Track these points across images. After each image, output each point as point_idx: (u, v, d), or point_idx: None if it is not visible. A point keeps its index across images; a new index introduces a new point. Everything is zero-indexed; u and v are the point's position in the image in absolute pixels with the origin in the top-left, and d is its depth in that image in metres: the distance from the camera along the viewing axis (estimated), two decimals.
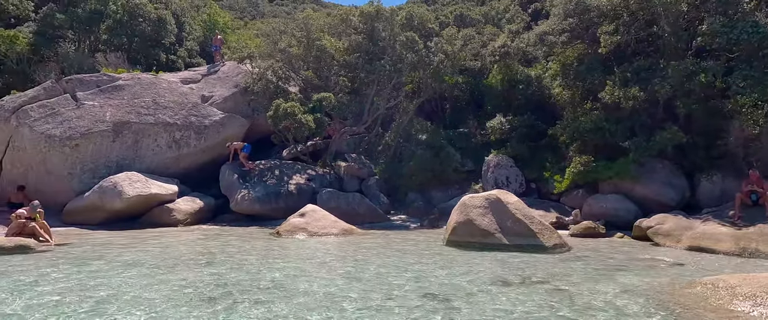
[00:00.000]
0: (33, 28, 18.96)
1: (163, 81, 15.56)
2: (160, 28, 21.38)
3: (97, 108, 13.94)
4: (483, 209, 9.09)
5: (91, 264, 7.17)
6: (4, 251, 7.89)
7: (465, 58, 17.31)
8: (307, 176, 14.74)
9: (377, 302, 5.27)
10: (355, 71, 15.98)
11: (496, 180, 14.18)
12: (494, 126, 15.54)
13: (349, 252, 8.79)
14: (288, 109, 13.97)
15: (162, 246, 9.25)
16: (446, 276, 6.63)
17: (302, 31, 16.65)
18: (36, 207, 9.28)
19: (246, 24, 31.83)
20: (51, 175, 13.21)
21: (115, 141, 13.68)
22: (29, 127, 13.26)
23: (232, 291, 5.63)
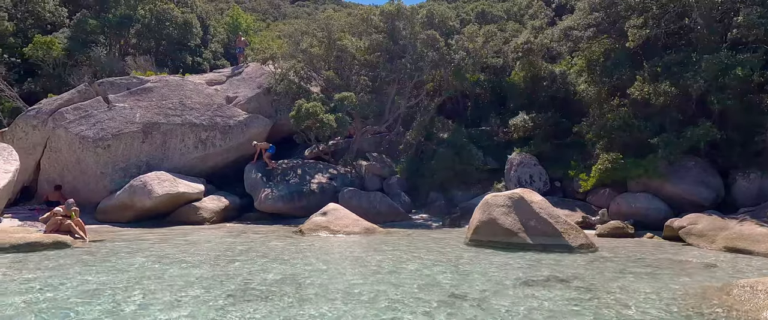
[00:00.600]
0: (67, 34, 19.79)
1: (190, 83, 15.98)
2: (186, 32, 21.97)
3: (127, 110, 14.44)
4: (506, 208, 8.97)
5: (124, 259, 7.44)
6: (43, 246, 8.27)
7: (487, 55, 17.09)
8: (328, 175, 14.87)
9: (399, 300, 5.27)
10: (375, 70, 16.01)
11: (520, 179, 13.96)
12: (517, 124, 15.30)
13: (371, 250, 8.83)
14: (310, 109, 14.12)
15: (190, 243, 9.52)
16: (469, 276, 6.58)
17: (323, 31, 16.79)
18: (71, 206, 9.70)
19: (268, 25, 32.32)
20: (85, 175, 13.77)
21: (145, 141, 14.14)
22: (65, 129, 13.85)
23: (256, 287, 5.74)
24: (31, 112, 14.46)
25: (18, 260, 7.26)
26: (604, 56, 13.49)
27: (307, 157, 16.05)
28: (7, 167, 11.07)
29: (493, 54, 17.60)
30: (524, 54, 16.28)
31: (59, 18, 20.92)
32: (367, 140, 17.03)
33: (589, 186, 12.90)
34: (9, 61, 18.63)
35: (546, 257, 7.99)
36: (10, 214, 11.88)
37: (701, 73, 11.01)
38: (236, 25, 27.27)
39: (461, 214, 13.08)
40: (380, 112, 16.62)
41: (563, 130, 14.79)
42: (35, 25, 20.26)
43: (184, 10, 22.43)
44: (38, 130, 14.09)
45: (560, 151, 14.56)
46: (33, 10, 20.39)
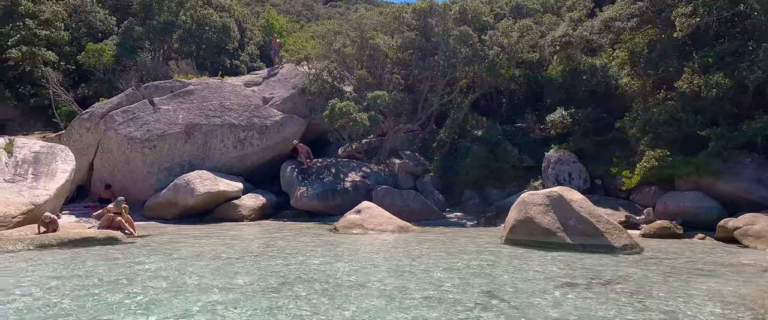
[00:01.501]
0: (116, 41, 20.97)
1: (228, 85, 16.53)
2: (225, 35, 22.74)
3: (171, 111, 15.12)
4: (544, 207, 8.72)
5: (171, 253, 7.81)
6: (97, 242, 8.81)
7: (522, 50, 16.64)
8: (362, 173, 14.98)
9: (434, 298, 5.24)
10: (408, 68, 15.96)
11: (558, 177, 13.54)
12: (555, 120, 14.83)
13: (405, 248, 8.82)
14: (343, 108, 14.27)
15: (231, 238, 9.87)
16: (505, 275, 6.45)
17: (356, 30, 16.91)
18: (121, 203, 10.27)
19: (302, 27, 32.94)
20: (133, 174, 14.55)
21: (187, 142, 14.76)
22: (115, 131, 14.68)
23: (295, 282, 5.86)
24: (85, 115, 15.42)
25: (78, 254, 7.77)
26: (648, 47, 12.83)
27: (341, 156, 16.24)
28: (65, 167, 11.86)
29: (529, 48, 17.12)
30: (562, 47, 15.74)
31: (109, 26, 22.20)
32: (400, 138, 17.01)
33: (633, 184, 12.33)
34: (65, 67, 19.96)
35: (587, 258, 7.71)
36: (68, 211, 12.73)
37: (758, 63, 10.26)
38: (271, 28, 27.95)
39: (496, 213, 12.84)
40: (413, 110, 16.57)
41: (604, 126, 14.20)
42: (87, 33, 21.61)
43: (222, 14, 23.25)
44: (91, 132, 15.00)
45: (601, 148, 13.99)
46: (86, 19, 21.76)
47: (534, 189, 12.64)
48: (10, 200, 10.17)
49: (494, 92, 18.21)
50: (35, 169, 11.29)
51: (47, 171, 11.42)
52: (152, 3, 21.58)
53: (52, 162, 11.71)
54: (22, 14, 18.82)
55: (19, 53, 17.95)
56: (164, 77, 17.75)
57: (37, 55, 18.28)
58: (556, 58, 16.48)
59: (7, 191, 10.41)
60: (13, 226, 9.74)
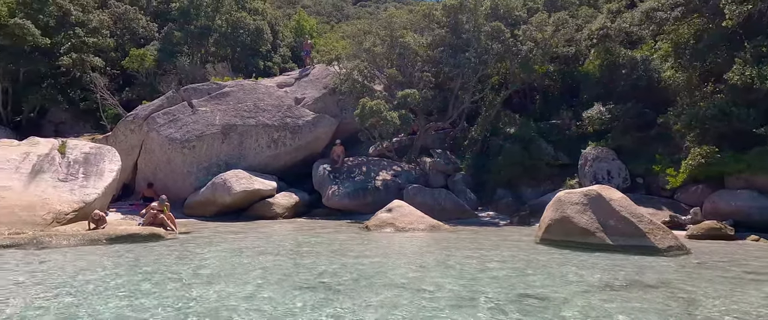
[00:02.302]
0: (157, 46, 21.92)
1: (262, 86, 16.95)
2: (258, 38, 23.32)
3: (208, 113, 15.66)
4: (581, 206, 8.43)
5: (211, 249, 8.10)
6: (141, 238, 9.25)
7: (557, 44, 16.14)
8: (393, 172, 15.00)
9: (468, 298, 5.17)
10: (438, 66, 15.83)
11: (595, 175, 13.06)
12: (592, 116, 14.30)
13: (438, 247, 8.76)
14: (374, 107, 14.32)
15: (266, 235, 10.13)
16: (542, 276, 6.28)
17: (385, 29, 16.92)
18: (163, 201, 10.74)
19: (332, 27, 33.30)
20: (174, 173, 15.17)
21: (224, 142, 15.25)
22: (156, 132, 15.35)
23: (328, 279, 5.94)
24: (129, 117, 16.22)
25: (127, 249, 8.19)
26: (694, 38, 12.14)
27: (372, 155, 16.31)
28: (112, 167, 12.52)
29: (564, 43, 16.59)
30: (599, 40, 15.16)
31: (150, 32, 23.24)
32: (431, 137, 16.91)
33: (678, 182, 11.72)
34: (111, 72, 21.07)
35: (628, 259, 7.39)
36: (114, 208, 13.43)
37: None
38: (302, 29, 28.42)
39: (530, 212, 12.55)
40: (444, 108, 16.42)
41: (646, 122, 13.57)
42: (131, 39, 22.72)
43: (255, 17, 23.84)
44: (135, 133, 15.76)
45: (643, 145, 13.39)
46: (129, 26, 22.87)
47: (570, 187, 12.26)
48: (64, 198, 10.84)
49: (527, 88, 17.77)
50: (85, 169, 11.97)
51: (96, 171, 12.08)
52: (190, 9, 22.43)
53: (100, 163, 12.38)
54: (73, 23, 20.01)
55: (70, 60, 19.10)
56: (202, 80, 18.38)
57: (86, 62, 19.38)
58: (593, 52, 15.88)
59: (60, 190, 11.10)
60: (66, 223, 10.38)
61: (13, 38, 17.84)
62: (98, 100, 18.45)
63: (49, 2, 19.44)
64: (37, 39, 18.18)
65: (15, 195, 10.35)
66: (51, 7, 19.49)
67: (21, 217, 9.96)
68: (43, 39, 18.43)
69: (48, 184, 11.09)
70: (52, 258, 7.24)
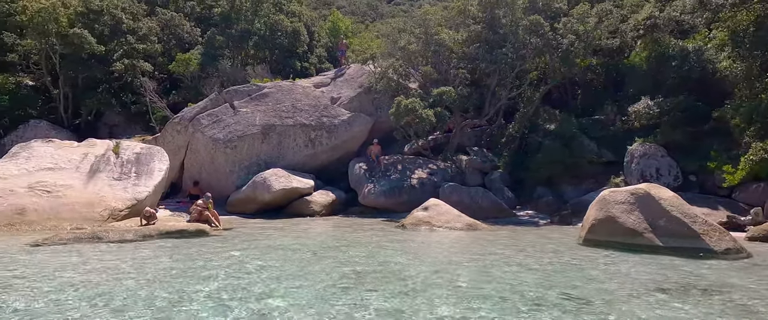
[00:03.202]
0: (200, 50, 22.88)
1: (299, 86, 17.32)
2: (295, 40, 23.85)
3: (249, 114, 16.19)
4: (628, 205, 8.05)
5: (253, 244, 8.39)
6: (188, 234, 9.69)
7: (600, 36, 15.45)
8: (428, 170, 14.92)
9: (509, 299, 5.07)
10: (474, 62, 15.57)
11: (643, 173, 12.43)
12: (639, 110, 13.60)
13: (475, 246, 8.64)
14: (409, 105, 14.29)
15: (305, 232, 10.37)
16: (586, 278, 6.05)
17: (420, 27, 16.83)
18: (208, 199, 11.22)
19: (366, 27, 33.50)
20: (217, 172, 15.80)
21: (263, 141, 15.72)
22: (201, 133, 16.04)
23: (365, 276, 6.00)
24: (176, 119, 17.03)
25: (177, 244, 8.62)
26: (754, 25, 11.26)
27: (407, 153, 16.29)
28: (161, 166, 13.23)
29: (608, 34, 15.85)
30: (647, 31, 14.39)
31: (194, 37, 24.31)
32: (467, 134, 16.68)
33: (737, 180, 10.94)
34: (158, 76, 22.21)
35: (680, 261, 6.99)
36: (163, 205, 14.16)
37: None
38: (337, 29, 28.78)
39: (572, 211, 12.14)
40: (480, 105, 16.14)
41: (699, 116, 12.76)
42: (177, 45, 23.85)
43: (292, 20, 24.39)
44: (181, 134, 16.54)
45: (696, 140, 12.61)
46: (175, 32, 24.02)
47: (615, 186, 11.75)
48: (118, 196, 11.56)
49: (568, 83, 17.16)
50: (137, 168, 12.71)
51: (146, 170, 12.80)
52: (231, 13, 23.26)
53: (150, 162, 13.10)
54: (125, 31, 21.28)
55: (123, 66, 20.32)
56: (242, 81, 19.00)
57: (137, 67, 20.55)
58: (639, 43, 15.10)
59: (115, 188, 11.84)
60: (121, 219, 11.07)
61: (72, 47, 19.19)
62: (148, 103, 19.51)
63: (103, 12, 20.74)
64: (93, 47, 19.45)
65: (76, 193, 11.15)
66: (105, 16, 20.79)
67: (81, 213, 10.72)
68: (98, 47, 19.70)
69: (104, 183, 11.87)
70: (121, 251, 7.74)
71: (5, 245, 8.04)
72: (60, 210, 10.58)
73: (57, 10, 18.77)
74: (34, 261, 6.82)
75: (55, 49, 19.23)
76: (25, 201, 10.45)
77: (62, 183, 11.20)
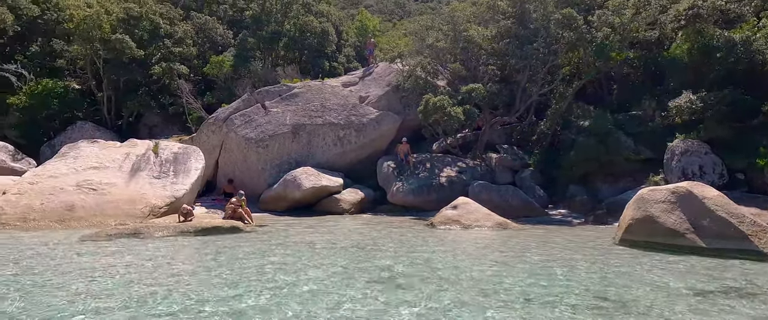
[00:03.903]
0: (233, 53, 23.54)
1: (328, 86, 17.54)
2: (324, 40, 24.15)
3: (279, 114, 16.54)
4: (668, 204, 7.71)
5: (286, 240, 8.58)
6: (223, 230, 10.04)
7: (638, 28, 14.83)
8: (457, 169, 14.79)
9: (542, 300, 4.97)
10: (504, 58, 15.30)
11: (684, 171, 11.86)
12: (680, 105, 12.96)
13: (506, 246, 8.51)
14: (437, 103, 14.21)
15: (335, 229, 10.51)
16: (622, 279, 5.86)
17: (448, 24, 16.68)
18: (241, 196, 11.56)
19: (394, 25, 33.48)
20: (250, 170, 16.24)
21: (294, 141, 16.02)
22: (234, 132, 16.52)
23: (394, 275, 6.03)
24: (211, 119, 17.62)
25: (213, 239, 8.96)
26: None
27: (435, 151, 16.21)
28: (197, 165, 13.75)
29: (646, 26, 15.19)
30: (689, 21, 13.69)
31: (227, 39, 25.04)
32: (497, 132, 16.41)
33: None
34: (194, 78, 23.02)
35: (725, 264, 6.64)
36: (199, 203, 14.69)
37: None
38: (365, 28, 28.90)
39: (607, 211, 11.73)
40: (510, 102, 15.85)
41: (747, 110, 12.03)
42: (210, 47, 24.64)
43: (321, 20, 24.70)
44: (216, 134, 17.10)
45: (743, 136, 11.90)
46: (209, 35, 24.81)
47: (654, 184, 11.27)
48: (158, 194, 12.10)
49: (603, 78, 16.55)
50: (175, 167, 13.25)
51: (184, 169, 13.32)
52: (261, 15, 23.80)
53: (187, 161, 13.63)
54: (162, 36, 22.18)
55: (160, 69, 21.19)
56: (273, 82, 19.41)
57: (174, 70, 21.37)
58: (681, 35, 14.38)
59: (155, 186, 12.40)
60: (160, 216, 11.58)
61: (114, 52, 20.17)
62: (184, 105, 20.26)
63: (142, 18, 21.68)
64: (133, 51, 20.38)
65: (119, 191, 11.75)
66: (144, 22, 21.73)
67: (124, 210, 11.30)
68: (138, 51, 20.61)
69: (145, 181, 12.44)
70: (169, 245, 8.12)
71: (60, 239, 8.57)
72: (105, 207, 11.19)
73: (100, 17, 19.76)
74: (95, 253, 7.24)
75: (98, 54, 20.26)
76: (74, 199, 11.11)
77: (107, 182, 11.84)
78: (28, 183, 11.44)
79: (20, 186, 11.34)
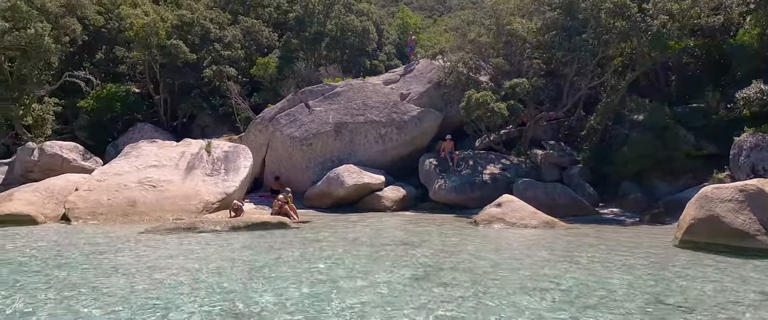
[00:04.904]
0: (278, 54, 24.32)
1: (369, 84, 17.69)
2: (365, 38, 24.39)
3: (322, 113, 16.90)
4: (736, 203, 7.16)
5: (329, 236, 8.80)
6: (271, 226, 10.42)
7: (699, 14, 13.79)
8: (501, 166, 14.48)
9: (595, 304, 4.78)
10: (550, 51, 14.74)
11: (754, 167, 10.94)
12: (749, 96, 11.94)
13: (553, 245, 8.24)
14: (480, 99, 13.95)
15: (377, 226, 10.62)
16: (685, 283, 5.51)
17: (491, 18, 16.31)
18: (288, 193, 11.94)
19: (435, 21, 33.19)
20: (295, 168, 16.73)
21: (336, 139, 16.32)
22: (280, 132, 17.08)
23: (439, 273, 6.02)
24: (257, 119, 18.30)
25: (262, 234, 9.34)
26: None
27: (478, 148, 15.93)
28: (246, 163, 14.36)
29: (709, 11, 14.10)
30: (759, 5, 12.59)
31: (272, 41, 25.90)
32: (542, 127, 15.88)
33: None
34: (241, 80, 24.02)
35: None
36: (248, 199, 15.33)
37: None
38: (406, 25, 28.86)
39: (665, 209, 11.05)
40: (556, 97, 15.27)
41: None
42: (257, 50, 25.58)
43: (362, 19, 24.94)
44: (263, 133, 17.75)
45: None
46: (255, 38, 25.78)
47: (718, 181, 10.49)
48: (210, 190, 12.76)
49: (659, 69, 15.57)
50: (226, 165, 13.90)
51: (234, 167, 13.96)
52: (304, 17, 24.41)
53: (236, 159, 14.26)
54: (212, 40, 23.31)
55: (211, 72, 22.29)
56: (316, 82, 19.84)
57: (223, 72, 22.41)
58: (749, 19, 13.26)
59: (208, 183, 13.08)
60: (212, 211, 12.21)
61: (170, 57, 21.44)
62: (233, 105, 21.19)
63: (194, 23, 22.88)
64: (187, 56, 21.56)
65: (175, 188, 12.50)
66: (196, 27, 22.92)
67: (180, 206, 12.01)
68: (191, 55, 21.78)
69: (198, 178, 13.15)
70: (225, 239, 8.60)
71: (125, 233, 9.26)
72: (163, 203, 11.94)
73: (156, 24, 21.07)
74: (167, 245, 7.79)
75: (155, 59, 21.61)
76: (136, 195, 11.94)
77: (164, 179, 12.63)
78: (97, 181, 12.42)
79: (90, 183, 12.34)
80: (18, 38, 16.84)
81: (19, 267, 6.24)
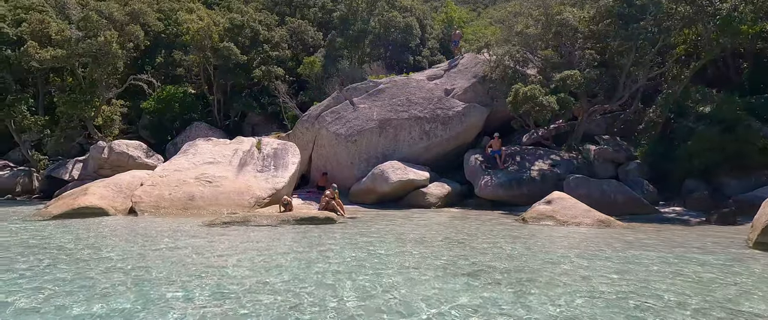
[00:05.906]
0: (323, 53, 24.83)
1: (413, 80, 17.65)
2: (408, 34, 24.34)
3: (367, 109, 17.08)
4: None
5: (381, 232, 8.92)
6: (319, 221, 10.69)
7: None
8: (550, 162, 13.97)
9: (662, 308, 4.52)
10: (604, 41, 14.01)
11: None
12: None
13: (612, 245, 7.85)
14: (528, 92, 13.53)
15: (422, 223, 10.61)
16: (763, 288, 5.07)
17: (539, 9, 15.73)
18: (335, 189, 12.20)
19: (479, 14, 32.44)
20: (340, 165, 17.05)
21: (381, 135, 16.44)
22: (325, 129, 17.45)
23: (488, 271, 5.93)
24: (304, 117, 18.81)
25: (311, 228, 9.63)
26: None
27: (526, 143, 15.47)
28: (294, 160, 14.83)
29: None
30: None
31: (317, 41, 26.50)
32: (596, 121, 15.16)
33: None
34: (288, 79, 24.79)
35: None
36: (296, 194, 15.84)
37: None
38: (450, 20, 28.45)
39: (737, 208, 10.20)
40: (611, 88, 14.49)
41: None
42: (303, 49, 26.28)
43: (405, 15, 24.90)
44: (309, 130, 18.23)
45: None
46: (301, 38, 26.49)
47: None
48: (261, 186, 13.28)
49: (729, 56, 14.37)
50: (275, 162, 14.42)
51: (282, 163, 14.45)
52: (348, 15, 24.75)
53: (285, 156, 14.75)
54: (261, 41, 24.23)
55: (260, 72, 23.18)
56: (360, 79, 20.09)
57: (272, 72, 23.24)
58: None
59: (259, 179, 13.63)
60: (263, 206, 12.71)
61: (222, 59, 22.53)
62: (281, 104, 21.91)
63: (244, 26, 23.87)
64: (238, 57, 22.56)
65: (229, 183, 13.13)
66: (246, 30, 23.91)
67: (234, 200, 12.61)
68: (241, 57, 22.77)
69: (250, 174, 13.75)
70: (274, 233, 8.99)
71: (188, 225, 9.87)
72: (218, 198, 12.58)
73: (210, 28, 22.20)
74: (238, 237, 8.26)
75: (209, 61, 22.79)
76: (194, 190, 12.67)
77: (219, 175, 13.31)
78: (159, 176, 13.30)
79: (153, 178, 13.24)
80: (90, 46, 18.38)
81: (130, 252, 6.83)
